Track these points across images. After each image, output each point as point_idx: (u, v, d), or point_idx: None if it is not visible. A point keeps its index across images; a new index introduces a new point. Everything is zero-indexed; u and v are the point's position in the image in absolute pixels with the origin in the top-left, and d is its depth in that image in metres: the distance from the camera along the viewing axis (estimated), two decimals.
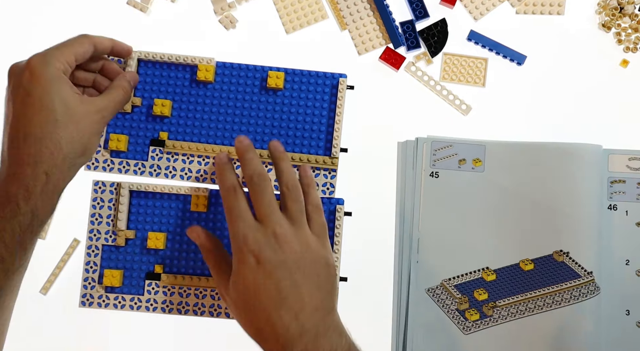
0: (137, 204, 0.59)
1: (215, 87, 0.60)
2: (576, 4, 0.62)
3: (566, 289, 0.57)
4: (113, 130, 0.59)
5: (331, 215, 0.58)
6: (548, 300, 0.57)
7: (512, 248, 0.58)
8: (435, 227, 0.59)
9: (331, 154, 0.58)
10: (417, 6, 0.61)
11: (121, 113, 0.59)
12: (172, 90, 0.59)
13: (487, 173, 0.59)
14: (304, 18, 0.61)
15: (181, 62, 0.59)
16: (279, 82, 0.59)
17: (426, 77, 0.61)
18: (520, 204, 0.58)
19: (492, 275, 0.58)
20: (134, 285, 0.58)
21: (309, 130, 0.59)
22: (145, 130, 0.59)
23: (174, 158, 0.59)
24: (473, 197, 0.59)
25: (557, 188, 0.58)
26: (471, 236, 0.58)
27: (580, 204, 0.58)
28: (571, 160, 0.58)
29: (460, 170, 0.59)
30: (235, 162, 0.58)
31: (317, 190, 0.55)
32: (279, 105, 0.60)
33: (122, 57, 0.57)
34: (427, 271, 0.58)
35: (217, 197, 0.59)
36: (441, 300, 0.58)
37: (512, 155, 0.59)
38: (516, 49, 0.61)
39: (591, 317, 0.57)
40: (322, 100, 0.60)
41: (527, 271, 0.58)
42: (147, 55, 0.59)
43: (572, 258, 0.57)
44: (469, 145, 0.60)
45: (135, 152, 0.59)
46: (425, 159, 0.59)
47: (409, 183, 0.60)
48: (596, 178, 0.58)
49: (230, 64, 0.60)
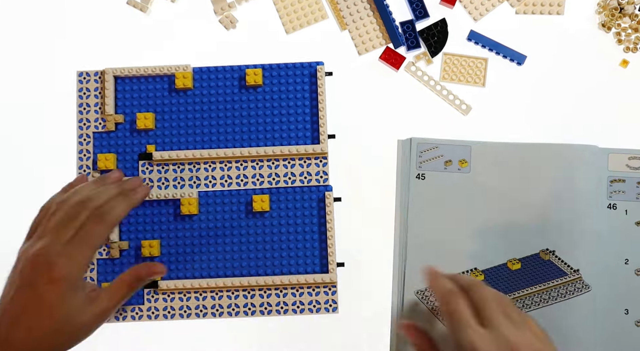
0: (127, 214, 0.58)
1: (195, 92, 0.60)
2: (576, 3, 0.61)
3: (553, 287, 0.57)
4: (100, 151, 0.59)
5: (320, 203, 0.58)
6: (536, 298, 0.57)
7: (499, 248, 0.58)
8: (423, 229, 0.58)
9: (319, 141, 0.58)
10: (417, 6, 0.61)
11: (105, 133, 0.59)
12: (153, 102, 0.59)
13: (473, 174, 0.59)
14: (304, 18, 0.61)
15: (157, 73, 0.59)
16: (257, 79, 0.59)
17: (426, 77, 0.60)
18: (506, 204, 0.58)
19: (480, 276, 0.58)
20: (134, 296, 0.57)
21: (294, 122, 0.59)
22: (131, 145, 0.59)
23: (165, 170, 0.59)
24: (459, 198, 0.58)
25: (543, 188, 0.58)
26: (459, 237, 0.58)
27: (568, 203, 0.57)
28: (559, 160, 0.58)
29: (446, 171, 0.59)
30: None
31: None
32: (261, 102, 0.59)
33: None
34: (416, 273, 0.57)
35: (207, 199, 0.58)
36: (430, 302, 0.57)
37: (498, 155, 0.59)
38: (516, 49, 0.60)
39: (582, 314, 0.56)
40: (303, 90, 0.59)
41: (514, 270, 0.57)
42: (123, 71, 0.59)
43: (558, 256, 0.57)
44: (454, 146, 0.59)
45: (125, 168, 0.59)
46: (412, 161, 0.59)
47: (401, 184, 0.59)
48: (589, 178, 0.58)
49: (207, 68, 0.60)
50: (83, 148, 0.59)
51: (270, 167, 0.59)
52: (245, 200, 0.58)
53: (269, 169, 0.59)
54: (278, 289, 0.57)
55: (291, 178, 0.59)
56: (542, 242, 0.58)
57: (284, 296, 0.57)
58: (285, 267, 0.58)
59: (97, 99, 0.60)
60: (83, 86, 0.60)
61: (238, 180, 0.59)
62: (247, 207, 0.58)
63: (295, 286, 0.57)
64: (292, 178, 0.59)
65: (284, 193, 0.58)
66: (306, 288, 0.58)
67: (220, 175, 0.59)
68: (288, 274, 0.57)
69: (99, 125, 0.59)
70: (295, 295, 0.57)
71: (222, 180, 0.59)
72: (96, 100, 0.60)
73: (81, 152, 0.59)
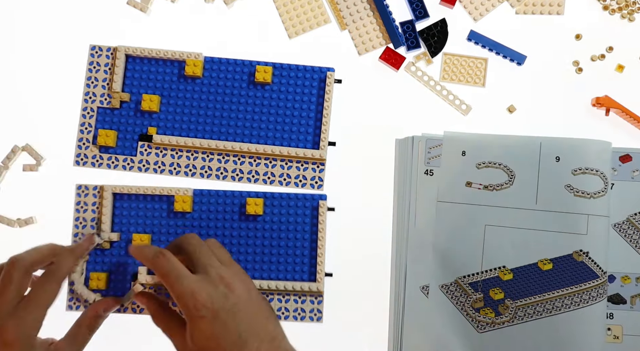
0: (120, 206, 0.58)
1: (204, 82, 0.60)
2: (576, 3, 0.61)
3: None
4: (102, 126, 0.59)
5: (314, 211, 0.58)
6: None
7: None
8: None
9: (319, 147, 0.58)
10: (417, 6, 0.61)
11: (110, 109, 0.59)
12: (161, 85, 0.60)
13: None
14: (306, 22, 0.61)
15: (169, 58, 0.59)
16: (267, 77, 0.59)
17: (426, 77, 0.60)
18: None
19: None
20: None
21: (297, 124, 0.59)
22: (133, 125, 0.59)
23: (163, 154, 0.59)
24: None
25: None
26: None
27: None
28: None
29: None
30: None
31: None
32: (267, 100, 0.59)
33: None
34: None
35: (202, 197, 0.58)
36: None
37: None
38: (516, 49, 0.60)
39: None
40: (310, 94, 0.59)
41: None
42: (135, 51, 0.59)
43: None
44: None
45: (124, 147, 0.59)
46: (420, 157, 0.59)
47: (403, 182, 0.59)
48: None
49: (219, 59, 0.60)
50: (85, 122, 0.59)
51: (267, 166, 0.59)
52: (240, 202, 0.58)
53: (266, 168, 0.59)
54: (264, 293, 0.58)
55: (286, 179, 0.59)
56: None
57: (270, 301, 0.58)
58: (274, 272, 0.58)
59: (106, 75, 0.60)
60: (94, 60, 0.60)
61: (233, 174, 0.59)
62: (240, 209, 0.58)
63: (282, 292, 0.58)
64: (287, 179, 0.59)
65: (279, 199, 0.58)
66: (292, 295, 0.58)
67: (217, 167, 0.59)
68: (276, 279, 0.58)
69: (105, 100, 0.59)
70: (282, 301, 0.58)
71: (217, 171, 0.59)
72: (105, 76, 0.60)
73: (83, 125, 0.59)
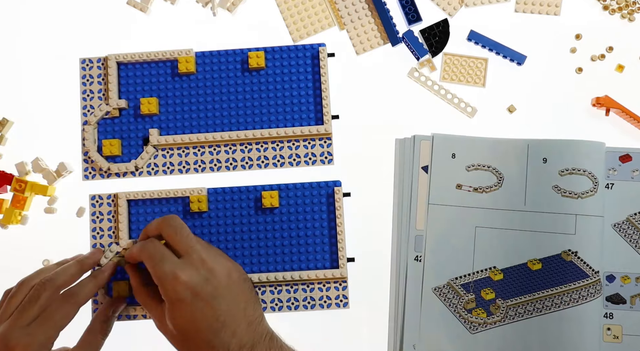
0: (136, 213, 0.58)
1: (198, 77, 0.60)
2: (576, 3, 0.61)
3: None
4: (104, 136, 0.59)
5: (330, 198, 0.58)
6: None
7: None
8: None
9: (323, 122, 0.58)
10: (410, 9, 0.61)
11: (110, 119, 0.59)
12: (156, 87, 0.60)
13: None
14: (310, 26, 0.61)
15: (160, 58, 0.59)
16: (260, 61, 0.59)
17: (430, 82, 0.60)
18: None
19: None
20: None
21: (298, 104, 0.59)
22: (136, 131, 0.59)
23: (170, 154, 0.59)
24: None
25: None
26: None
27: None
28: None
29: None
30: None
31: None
32: (264, 84, 0.60)
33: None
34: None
35: (216, 195, 0.58)
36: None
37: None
38: (516, 49, 0.60)
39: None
40: (306, 72, 0.60)
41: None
42: (126, 57, 0.59)
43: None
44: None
45: (130, 154, 0.59)
46: (423, 156, 0.59)
47: (407, 180, 0.59)
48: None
49: (210, 52, 0.60)
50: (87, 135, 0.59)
51: (275, 149, 0.59)
52: (255, 196, 0.58)
53: (274, 151, 0.59)
54: (289, 285, 0.57)
55: (296, 159, 0.59)
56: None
57: (295, 292, 0.57)
58: (296, 263, 0.58)
59: (101, 85, 0.60)
60: (86, 73, 0.60)
61: (243, 163, 0.59)
62: (256, 203, 0.58)
63: (305, 282, 0.57)
64: (296, 159, 0.59)
65: (293, 189, 0.58)
66: (317, 284, 0.57)
67: (225, 158, 0.59)
68: (298, 270, 0.57)
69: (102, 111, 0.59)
70: (306, 290, 0.57)
71: (227, 163, 0.59)
72: (99, 87, 0.60)
73: (85, 139, 0.59)
